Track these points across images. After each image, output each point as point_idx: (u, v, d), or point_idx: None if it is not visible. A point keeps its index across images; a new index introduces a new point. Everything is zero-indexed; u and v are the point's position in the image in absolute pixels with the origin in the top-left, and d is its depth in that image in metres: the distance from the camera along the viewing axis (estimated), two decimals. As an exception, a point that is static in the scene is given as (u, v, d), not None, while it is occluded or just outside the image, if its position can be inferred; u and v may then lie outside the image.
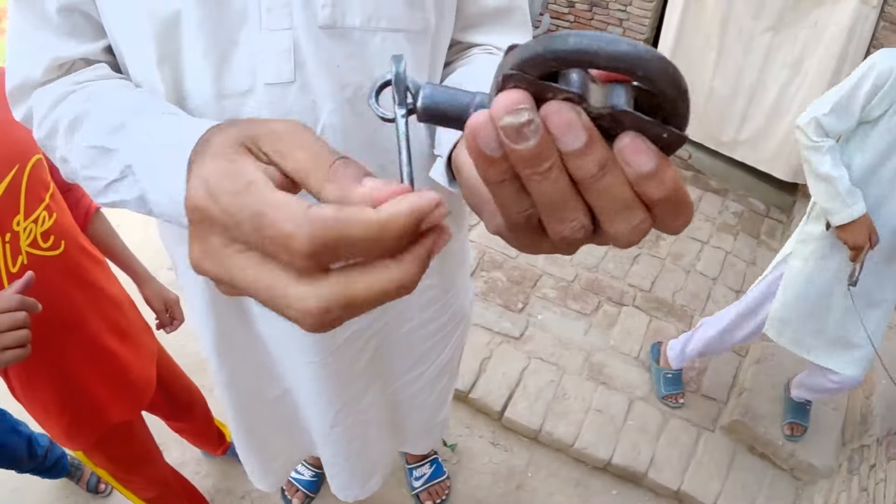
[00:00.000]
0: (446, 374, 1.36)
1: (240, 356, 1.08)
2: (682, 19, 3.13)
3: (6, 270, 1.14)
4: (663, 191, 0.31)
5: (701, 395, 2.45)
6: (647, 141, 0.30)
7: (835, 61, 2.81)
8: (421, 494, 2.12)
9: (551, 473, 2.25)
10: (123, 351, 1.42)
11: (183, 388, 1.83)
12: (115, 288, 1.44)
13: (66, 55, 0.69)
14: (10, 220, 1.13)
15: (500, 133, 0.30)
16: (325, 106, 0.70)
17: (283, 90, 0.68)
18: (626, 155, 0.30)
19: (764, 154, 3.23)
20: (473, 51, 0.84)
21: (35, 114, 0.69)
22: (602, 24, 3.38)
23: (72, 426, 1.38)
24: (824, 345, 1.94)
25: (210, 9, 0.64)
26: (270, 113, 0.69)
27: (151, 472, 1.68)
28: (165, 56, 0.66)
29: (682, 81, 0.29)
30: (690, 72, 3.24)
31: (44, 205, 1.20)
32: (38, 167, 1.19)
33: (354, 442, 1.28)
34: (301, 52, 0.67)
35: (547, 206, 0.33)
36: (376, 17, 0.69)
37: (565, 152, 0.30)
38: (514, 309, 2.63)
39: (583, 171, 0.31)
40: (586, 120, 0.30)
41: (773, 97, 3.08)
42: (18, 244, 1.15)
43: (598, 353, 2.54)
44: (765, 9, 2.91)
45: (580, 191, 0.32)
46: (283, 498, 2.14)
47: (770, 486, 2.25)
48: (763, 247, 3.12)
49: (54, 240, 1.22)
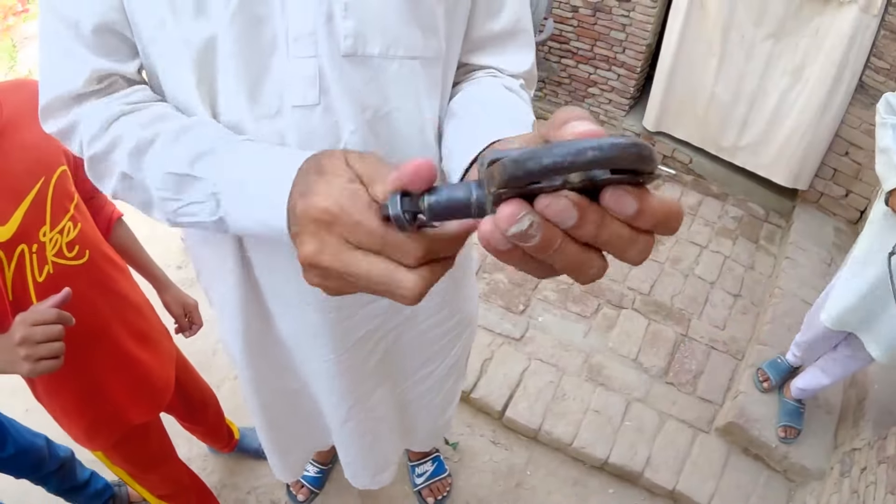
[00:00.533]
0: (453, 375, 1.41)
1: (264, 353, 1.13)
2: (684, 25, 3.16)
3: (33, 280, 1.16)
4: (653, 220, 0.37)
5: (697, 397, 2.50)
6: (625, 188, 0.36)
7: (835, 69, 2.84)
8: (423, 491, 2.17)
9: (550, 472, 2.31)
10: (145, 356, 1.46)
11: (197, 389, 1.87)
12: (136, 294, 1.47)
13: (105, 68, 0.72)
14: (36, 231, 1.15)
15: (504, 233, 0.37)
16: (346, 126, 0.75)
17: (308, 112, 0.73)
18: (612, 207, 0.36)
19: (764, 159, 3.26)
20: (478, 74, 0.89)
21: (84, 130, 0.72)
22: (605, 29, 3.41)
23: (91, 427, 1.41)
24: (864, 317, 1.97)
25: (243, 38, 0.69)
26: (297, 133, 0.74)
27: (167, 470, 1.72)
28: (202, 79, 0.72)
29: (649, 155, 0.34)
30: (692, 77, 3.28)
31: (69, 215, 1.22)
32: (63, 178, 1.21)
33: (366, 437, 1.34)
34: (325, 78, 0.72)
35: (566, 267, 0.40)
36: (394, 45, 0.74)
37: (565, 229, 0.36)
38: (516, 311, 2.68)
39: (585, 235, 0.37)
40: (574, 197, 0.35)
41: (773, 103, 3.11)
42: (45, 254, 1.17)
43: (597, 354, 2.59)
44: (766, 16, 2.94)
45: (589, 245, 0.38)
46: (289, 494, 2.19)
47: (763, 486, 2.30)
48: (762, 251, 3.16)
49: (79, 249, 1.25)
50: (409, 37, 0.75)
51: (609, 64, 3.54)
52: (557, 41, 3.61)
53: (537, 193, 0.35)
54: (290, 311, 1.00)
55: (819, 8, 2.81)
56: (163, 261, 2.84)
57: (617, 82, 3.58)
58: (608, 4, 3.33)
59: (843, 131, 3.04)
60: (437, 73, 0.81)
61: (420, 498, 2.18)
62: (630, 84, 3.54)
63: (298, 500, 2.16)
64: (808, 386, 2.27)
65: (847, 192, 3.18)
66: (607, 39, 3.46)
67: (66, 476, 1.86)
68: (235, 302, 1.00)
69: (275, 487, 2.23)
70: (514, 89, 0.85)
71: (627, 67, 3.50)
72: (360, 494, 2.21)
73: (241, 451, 2.27)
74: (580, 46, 3.57)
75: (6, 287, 1.14)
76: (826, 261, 2.99)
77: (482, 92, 0.83)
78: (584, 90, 3.71)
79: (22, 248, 1.13)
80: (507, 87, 0.84)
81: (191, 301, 1.70)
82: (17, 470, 1.68)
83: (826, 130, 3.02)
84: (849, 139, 3.05)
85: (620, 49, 3.45)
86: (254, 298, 1.00)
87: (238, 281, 0.95)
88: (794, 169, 3.16)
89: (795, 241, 3.06)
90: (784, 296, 2.77)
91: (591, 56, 3.57)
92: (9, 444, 1.61)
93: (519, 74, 0.89)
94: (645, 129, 3.58)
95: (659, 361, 2.58)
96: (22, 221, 1.12)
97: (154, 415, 1.60)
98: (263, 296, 0.99)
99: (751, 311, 2.84)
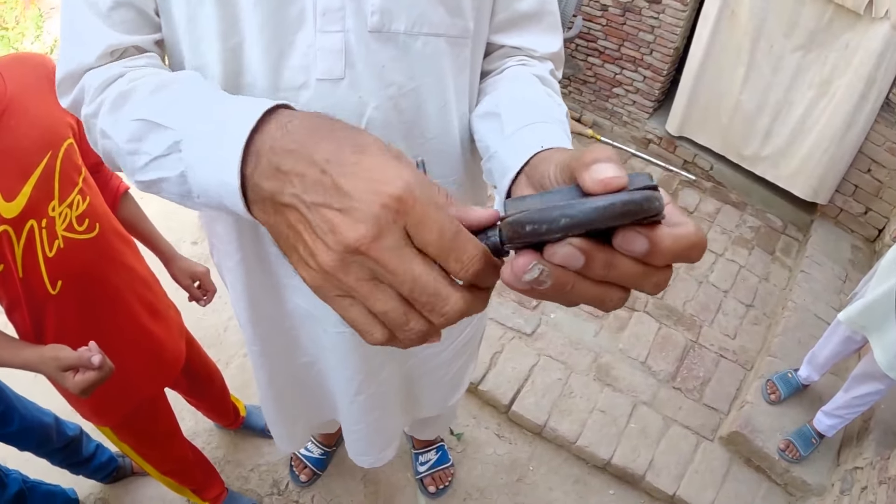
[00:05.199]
0: (463, 356, 1.41)
1: (272, 327, 1.14)
2: (713, 31, 3.13)
3: (43, 256, 1.16)
4: (668, 257, 0.39)
5: (703, 404, 2.50)
6: (635, 230, 0.38)
7: (862, 84, 2.82)
8: (425, 479, 2.19)
9: (552, 469, 2.32)
10: (157, 328, 1.46)
11: (202, 365, 1.88)
12: (143, 267, 1.47)
13: (120, 42, 0.72)
14: (45, 206, 1.14)
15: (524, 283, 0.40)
16: (370, 102, 0.76)
17: (333, 86, 0.74)
18: (624, 248, 0.38)
19: (785, 171, 3.25)
20: (508, 62, 0.89)
21: (85, 94, 0.71)
22: (634, 30, 3.39)
23: (101, 402, 1.41)
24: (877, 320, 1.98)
25: (270, 12, 0.70)
26: (321, 106, 0.74)
27: (172, 447, 1.74)
28: (225, 52, 0.72)
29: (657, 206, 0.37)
30: (718, 84, 3.25)
31: (77, 188, 1.21)
32: (70, 151, 1.19)
33: (374, 411, 1.34)
34: (351, 52, 0.73)
35: (584, 301, 0.42)
36: (420, 23, 0.75)
37: (575, 271, 0.39)
38: (528, 306, 2.69)
39: (596, 275, 0.40)
40: (578, 242, 0.38)
41: (798, 116, 3.09)
42: (55, 229, 1.16)
43: (607, 355, 2.59)
44: (797, 28, 2.92)
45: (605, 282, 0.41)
46: (291, 473, 2.21)
47: (763, 499, 2.31)
48: (777, 263, 3.15)
49: (89, 223, 1.24)
50: (434, 14, 0.75)
51: (635, 65, 3.52)
52: (585, 39, 3.59)
53: (543, 244, 0.39)
54: (301, 285, 1.00)
55: (850, 23, 2.79)
56: (178, 236, 2.89)
57: (642, 84, 3.56)
58: (638, 5, 3.31)
59: (866, 148, 3.03)
60: (465, 53, 0.82)
61: (422, 486, 2.19)
62: (655, 86, 3.52)
63: (301, 480, 2.18)
64: (838, 426, 2.28)
65: (867, 209, 3.16)
66: (635, 40, 3.44)
67: (73, 452, 1.88)
68: (244, 275, 1.01)
69: (278, 466, 2.25)
70: (547, 80, 0.86)
71: (654, 70, 3.48)
72: (362, 478, 2.22)
73: (246, 429, 2.29)
74: (607, 46, 3.55)
75: (16, 264, 1.13)
76: (841, 277, 2.98)
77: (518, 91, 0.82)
78: (608, 90, 3.69)
79: (31, 223, 1.12)
80: (539, 78, 0.84)
81: (200, 269, 1.67)
82: (21, 444, 1.70)
83: (849, 146, 3.00)
84: (871, 156, 3.03)
85: (648, 51, 3.43)
86: (263, 271, 1.00)
87: (247, 254, 0.97)
88: (815, 183, 3.15)
89: (811, 255, 3.05)
90: (797, 309, 2.76)
91: (617, 56, 3.55)
92: (14, 420, 1.62)
93: (547, 56, 0.90)
94: (667, 133, 3.56)
95: (667, 366, 2.58)
96: (30, 197, 1.11)
97: (164, 386, 1.60)
98: (273, 268, 1.00)
99: (762, 322, 2.84)
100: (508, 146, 0.68)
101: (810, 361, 2.39)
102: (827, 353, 2.29)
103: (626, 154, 3.68)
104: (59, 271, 1.19)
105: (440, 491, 2.19)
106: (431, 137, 0.85)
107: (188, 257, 1.68)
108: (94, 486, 2.14)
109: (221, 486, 2.03)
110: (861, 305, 2.01)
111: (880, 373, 1.99)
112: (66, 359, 1.12)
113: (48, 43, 4.10)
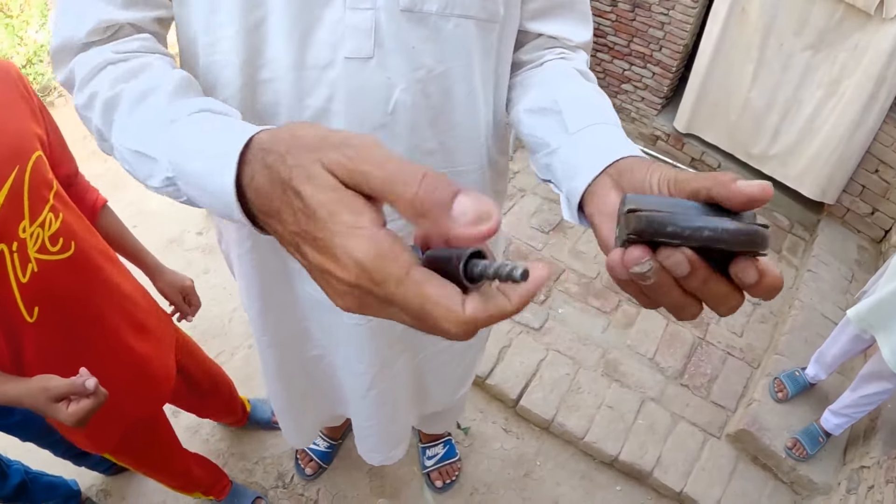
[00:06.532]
0: (472, 350, 1.40)
1: (282, 317, 1.11)
2: (723, 28, 3.12)
3: (17, 282, 1.05)
4: (764, 291, 0.44)
5: (710, 401, 2.50)
6: (753, 262, 0.43)
7: (872, 85, 2.81)
8: (432, 474, 2.18)
9: (559, 464, 2.31)
10: (142, 346, 1.36)
11: (205, 374, 1.79)
12: (128, 282, 1.36)
13: (113, 18, 0.69)
14: (15, 228, 1.02)
15: (627, 268, 0.44)
16: (398, 84, 0.75)
17: (361, 65, 0.72)
18: (740, 274, 0.43)
19: (793, 170, 3.24)
20: (547, 55, 0.88)
21: (76, 79, 0.69)
22: (643, 26, 3.38)
23: (94, 430, 1.31)
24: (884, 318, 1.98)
25: None
26: (347, 87, 0.73)
27: (173, 462, 1.68)
28: (246, 28, 0.70)
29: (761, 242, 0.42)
30: (727, 81, 3.25)
31: (48, 205, 1.09)
32: (39, 164, 1.07)
33: (387, 406, 1.32)
34: (381, 31, 0.71)
35: (668, 305, 0.47)
36: (452, 4, 0.73)
37: (676, 277, 0.44)
38: (537, 301, 2.68)
39: (691, 286, 0.45)
40: (689, 254, 0.43)
41: (807, 115, 3.09)
42: (27, 252, 1.04)
43: (615, 350, 2.58)
44: (807, 27, 2.91)
45: (692, 294, 0.46)
46: (297, 466, 2.19)
47: (769, 497, 2.31)
48: (784, 262, 3.14)
49: (63, 242, 1.12)
50: None
51: (644, 61, 3.51)
52: (594, 34, 3.57)
53: (661, 244, 0.43)
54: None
55: (861, 23, 2.78)
56: (183, 227, 2.87)
57: (651, 80, 3.55)
58: (648, 1, 3.30)
59: (874, 148, 3.02)
60: (491, 38, 0.81)
61: (428, 480, 2.18)
62: (664, 83, 3.51)
63: (306, 473, 2.17)
64: (845, 424, 2.28)
65: (873, 210, 3.16)
66: (644, 36, 3.42)
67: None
68: (255, 263, 0.99)
69: (282, 459, 2.23)
70: (589, 76, 0.84)
71: (663, 66, 3.46)
72: (368, 472, 2.21)
73: (252, 423, 2.26)
74: (617, 41, 3.54)
75: None
76: (847, 277, 2.98)
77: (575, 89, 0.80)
78: (617, 86, 3.68)
79: (1, 248, 1.00)
80: (581, 73, 0.83)
81: (187, 283, 1.61)
82: (23, 434, 1.66)
83: (857, 146, 3.00)
84: (880, 157, 3.03)
85: (657, 47, 3.42)
86: (275, 258, 0.99)
87: (258, 241, 0.95)
88: (823, 182, 3.14)
89: (818, 254, 3.05)
90: (803, 308, 2.76)
91: (627, 52, 3.54)
92: (16, 410, 1.57)
93: (580, 45, 0.89)
94: (675, 130, 3.55)
95: (675, 363, 2.58)
96: None
97: (157, 407, 1.52)
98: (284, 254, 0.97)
99: (769, 320, 2.83)
100: (573, 144, 0.68)
101: (818, 360, 2.39)
102: (835, 351, 2.29)
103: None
104: (35, 297, 1.08)
105: (447, 485, 2.17)
106: (458, 124, 0.83)
107: (194, 248, 1.63)
108: (97, 477, 2.12)
109: (225, 479, 2.01)
110: (870, 303, 2.01)
111: (888, 372, 1.99)
112: (56, 388, 1.02)
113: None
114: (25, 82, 1.11)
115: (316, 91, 0.73)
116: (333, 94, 0.73)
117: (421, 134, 0.80)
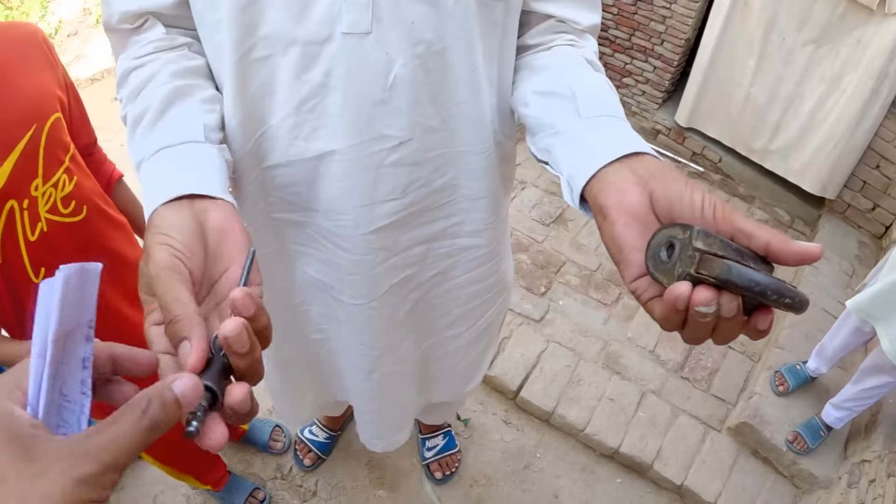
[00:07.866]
0: (482, 342, 1.37)
1: (280, 300, 1.10)
2: (725, 22, 3.12)
3: (25, 239, 1.06)
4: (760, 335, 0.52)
5: (711, 395, 2.49)
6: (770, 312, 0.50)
7: (873, 80, 2.81)
8: (431, 465, 2.16)
9: (559, 456, 2.30)
10: (137, 315, 1.33)
11: None
12: (136, 252, 1.37)
13: (132, 9, 0.74)
14: (27, 186, 1.04)
15: (692, 305, 0.49)
16: (397, 59, 0.74)
17: (359, 40, 0.71)
18: (758, 322, 0.51)
19: (794, 165, 3.24)
20: (556, 40, 0.86)
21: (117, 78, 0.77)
22: (645, 20, 3.37)
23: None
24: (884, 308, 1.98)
25: None
26: (346, 62, 0.72)
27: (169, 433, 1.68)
28: (239, 5, 0.69)
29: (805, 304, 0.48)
30: (729, 76, 3.24)
31: (63, 167, 1.10)
32: (57, 127, 1.09)
33: (389, 391, 1.30)
34: (379, 6, 0.70)
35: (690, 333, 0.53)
36: None
37: (722, 316, 0.49)
38: (537, 292, 2.67)
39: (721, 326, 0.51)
40: (738, 302, 0.48)
41: (808, 110, 3.08)
42: (37, 210, 1.06)
43: (615, 343, 2.58)
44: (809, 22, 2.90)
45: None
46: (296, 457, 2.17)
47: (769, 491, 2.30)
48: (783, 257, 3.14)
49: (75, 205, 1.13)
50: None
51: (646, 55, 3.50)
52: (595, 28, 3.57)
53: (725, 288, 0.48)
54: (315, 252, 0.98)
55: (863, 18, 2.77)
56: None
57: (652, 74, 3.54)
58: (650, -5, 3.29)
59: (875, 144, 3.02)
60: (495, 15, 0.79)
61: (428, 471, 2.17)
62: (665, 77, 3.50)
63: (305, 464, 2.15)
64: (846, 418, 2.27)
65: (874, 205, 3.16)
66: (646, 30, 3.41)
67: None
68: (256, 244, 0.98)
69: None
70: (597, 66, 0.83)
71: (664, 60, 3.46)
72: (367, 463, 2.20)
73: (247, 442, 2.22)
74: (618, 35, 3.53)
75: None
76: (847, 272, 2.98)
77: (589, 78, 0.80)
78: (618, 80, 3.67)
79: (11, 204, 1.02)
80: (590, 63, 0.82)
81: None
82: None
83: (859, 142, 3.00)
84: (881, 152, 3.03)
85: (659, 41, 3.41)
86: (273, 238, 0.97)
87: (255, 227, 0.93)
88: (824, 177, 3.14)
89: (819, 249, 3.04)
90: (804, 303, 2.75)
91: (628, 46, 3.53)
92: None
93: (587, 29, 0.87)
94: (676, 124, 3.54)
95: (676, 356, 2.57)
96: (11, 174, 1.01)
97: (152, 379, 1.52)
98: (281, 233, 0.96)
99: (770, 314, 2.82)
100: (584, 129, 0.68)
101: (819, 353, 2.38)
102: (836, 344, 2.28)
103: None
104: (42, 257, 1.09)
105: (446, 477, 2.16)
106: (460, 102, 0.82)
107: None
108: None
109: (223, 468, 1.98)
110: (870, 293, 2.00)
111: (890, 365, 1.99)
112: None
113: (53, 24, 4.02)
114: (51, 46, 1.12)
115: (314, 66, 0.73)
116: (331, 70, 0.73)
117: (422, 110, 0.79)
